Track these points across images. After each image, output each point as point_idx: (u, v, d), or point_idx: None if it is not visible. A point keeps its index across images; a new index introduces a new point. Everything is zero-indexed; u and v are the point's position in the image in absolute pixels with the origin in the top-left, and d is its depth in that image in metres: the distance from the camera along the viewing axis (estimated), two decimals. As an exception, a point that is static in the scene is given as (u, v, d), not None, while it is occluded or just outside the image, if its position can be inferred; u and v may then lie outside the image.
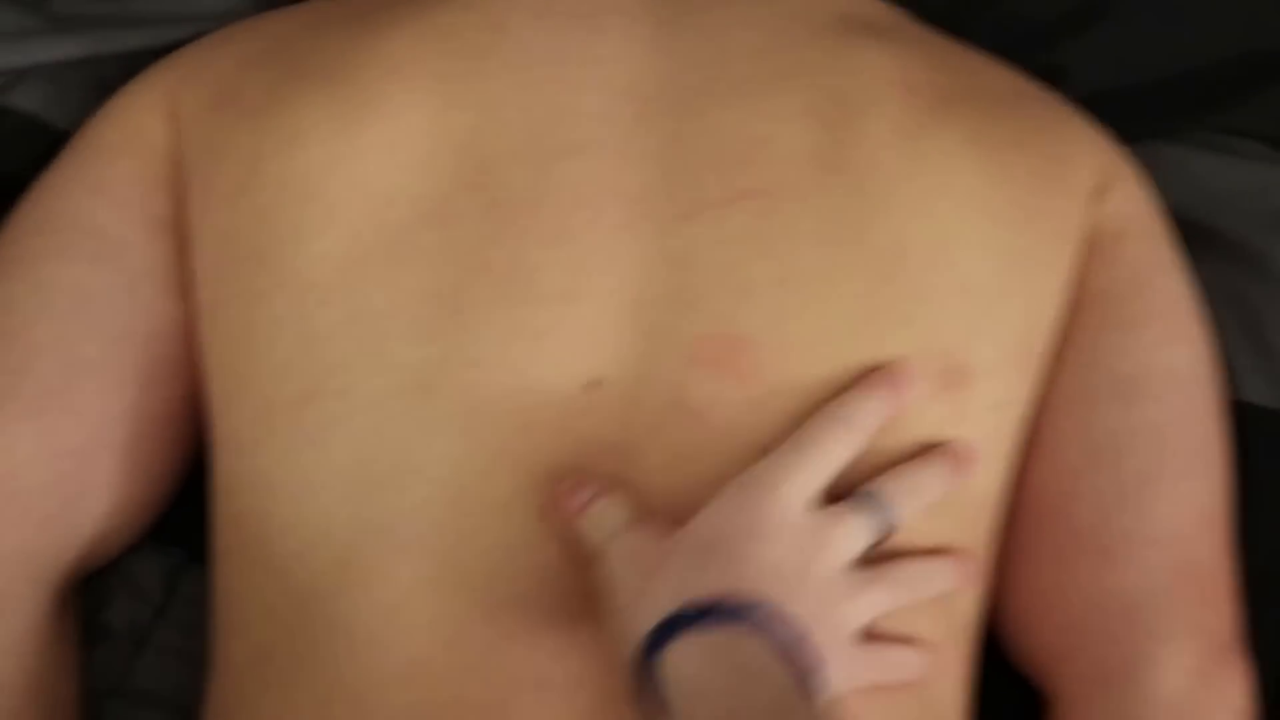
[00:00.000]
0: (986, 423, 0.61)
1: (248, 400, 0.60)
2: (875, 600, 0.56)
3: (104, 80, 0.72)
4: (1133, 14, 0.79)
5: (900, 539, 0.57)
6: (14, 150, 0.72)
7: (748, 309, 0.58)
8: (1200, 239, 0.70)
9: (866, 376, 0.58)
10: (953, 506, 0.59)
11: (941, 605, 0.59)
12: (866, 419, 0.57)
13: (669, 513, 0.56)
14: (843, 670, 0.53)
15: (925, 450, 0.59)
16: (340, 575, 0.57)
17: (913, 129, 0.62)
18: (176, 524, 0.67)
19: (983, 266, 0.61)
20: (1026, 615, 0.64)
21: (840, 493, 0.57)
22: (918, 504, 0.57)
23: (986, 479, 0.61)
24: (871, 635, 0.56)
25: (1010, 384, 0.62)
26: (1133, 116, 0.73)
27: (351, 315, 0.59)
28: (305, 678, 0.57)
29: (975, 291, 0.61)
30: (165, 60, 0.70)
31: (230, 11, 0.76)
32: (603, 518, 0.55)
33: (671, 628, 0.50)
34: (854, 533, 0.55)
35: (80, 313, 0.63)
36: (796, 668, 0.49)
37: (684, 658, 0.49)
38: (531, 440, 0.57)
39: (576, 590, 0.56)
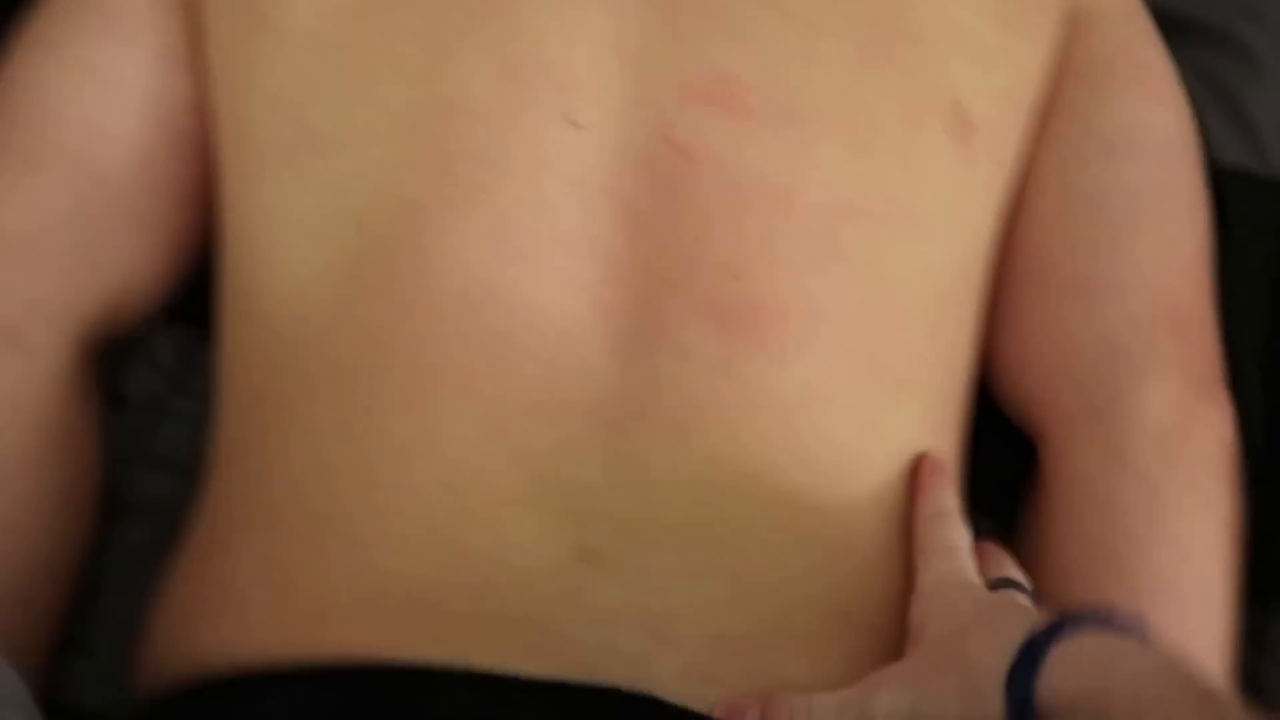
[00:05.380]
0: (990, 176, 0.64)
1: (248, 150, 0.62)
2: None
3: None
4: None
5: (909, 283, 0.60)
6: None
7: (740, 51, 0.59)
8: (1180, 28, 0.74)
9: (924, 473, 0.59)
10: (951, 263, 0.62)
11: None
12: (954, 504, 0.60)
13: (664, 248, 0.57)
14: None
15: None
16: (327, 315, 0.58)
17: None
18: (190, 306, 0.68)
19: (977, 23, 0.63)
20: (1018, 364, 0.67)
21: None
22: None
23: (981, 236, 0.64)
24: None
25: (1004, 140, 0.65)
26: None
27: (343, 59, 0.60)
28: (299, 416, 0.58)
29: (971, 47, 0.63)
30: None
31: None
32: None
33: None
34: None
35: (104, 88, 0.65)
36: None
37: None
38: (502, 175, 0.57)
39: None
